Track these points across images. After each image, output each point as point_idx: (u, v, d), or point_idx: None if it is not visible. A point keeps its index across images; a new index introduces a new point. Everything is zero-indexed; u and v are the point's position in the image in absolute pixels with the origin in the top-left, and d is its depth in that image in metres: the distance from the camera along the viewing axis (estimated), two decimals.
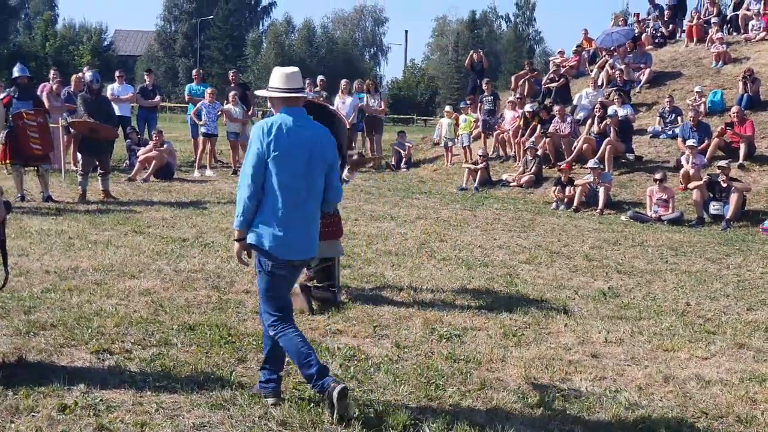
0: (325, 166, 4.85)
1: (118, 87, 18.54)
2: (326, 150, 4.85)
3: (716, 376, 5.73)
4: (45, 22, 70.45)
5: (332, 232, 7.29)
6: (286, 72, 4.90)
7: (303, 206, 4.77)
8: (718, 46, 20.31)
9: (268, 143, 4.65)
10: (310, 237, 4.86)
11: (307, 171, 4.75)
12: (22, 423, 4.33)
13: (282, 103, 4.85)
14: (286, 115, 4.79)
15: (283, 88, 4.85)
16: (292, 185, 4.69)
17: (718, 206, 13.73)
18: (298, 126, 4.76)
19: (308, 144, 4.75)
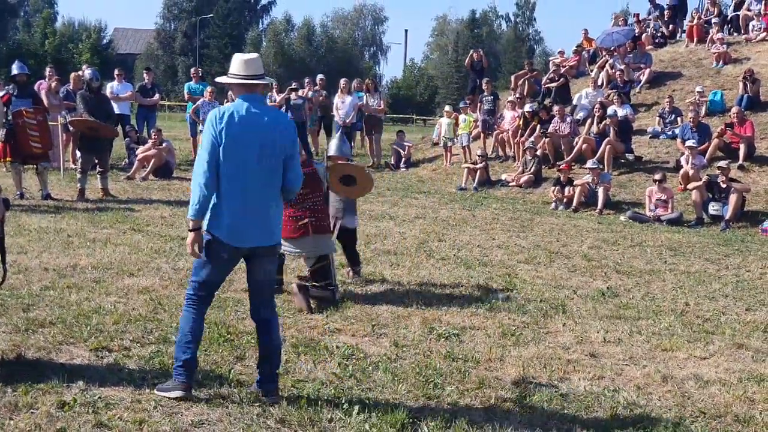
0: (281, 153, 4.80)
1: (117, 85, 18.53)
2: (282, 137, 4.80)
3: (714, 375, 5.73)
4: (44, 19, 70.48)
5: (326, 227, 7.32)
6: (245, 58, 4.89)
7: (256, 193, 4.74)
8: (718, 47, 20.31)
9: (220, 131, 4.64)
10: (265, 224, 4.81)
11: (261, 158, 4.71)
12: (21, 420, 4.33)
13: (241, 90, 4.84)
14: (242, 101, 4.78)
15: (241, 75, 4.83)
16: (245, 173, 4.68)
17: (717, 207, 13.74)
18: (253, 113, 4.73)
19: (262, 131, 4.71)
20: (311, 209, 7.26)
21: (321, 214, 7.34)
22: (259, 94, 4.88)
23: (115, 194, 13.61)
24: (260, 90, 4.91)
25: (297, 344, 5.97)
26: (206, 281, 4.85)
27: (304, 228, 7.20)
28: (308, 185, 7.15)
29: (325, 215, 7.40)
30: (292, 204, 7.15)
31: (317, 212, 7.31)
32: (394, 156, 21.17)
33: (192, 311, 4.85)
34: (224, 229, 4.70)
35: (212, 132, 4.65)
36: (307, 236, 7.21)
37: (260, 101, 4.85)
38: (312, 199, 7.28)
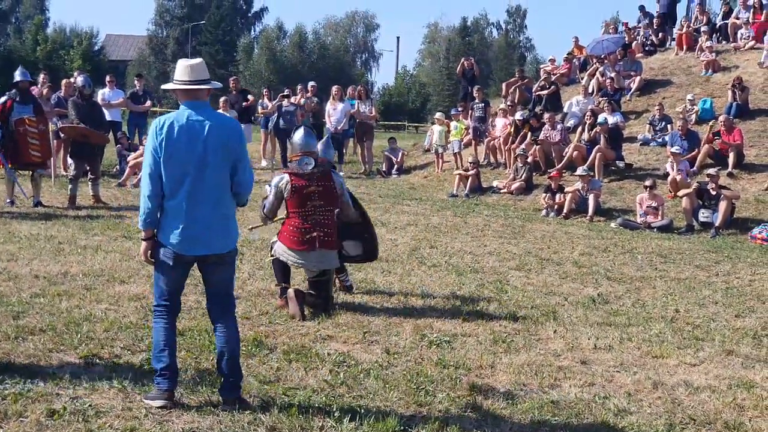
0: (227, 158, 4.77)
1: (108, 92, 18.52)
2: (227, 143, 4.77)
3: (705, 382, 5.75)
4: (36, 26, 70.33)
5: (334, 243, 7.23)
6: (189, 63, 4.87)
7: (203, 201, 4.72)
8: (707, 55, 20.41)
9: (161, 141, 4.64)
10: (214, 232, 4.80)
11: (205, 166, 4.69)
12: (10, 428, 4.32)
13: (184, 96, 4.83)
14: (185, 108, 4.77)
15: (184, 80, 4.81)
16: (189, 181, 4.67)
17: (707, 214, 13.79)
18: (194, 120, 4.71)
19: (204, 138, 4.69)
20: (321, 223, 7.10)
21: (330, 229, 7.17)
22: (203, 100, 4.86)
23: (107, 201, 13.59)
24: (204, 95, 4.89)
25: (288, 351, 5.96)
26: (166, 290, 4.86)
27: (310, 242, 7.05)
28: (323, 198, 7.11)
29: (333, 230, 7.22)
30: (302, 215, 7.07)
31: (326, 227, 7.14)
32: (386, 163, 21.21)
33: (161, 321, 4.86)
34: (173, 238, 4.70)
35: (153, 143, 4.65)
36: (313, 250, 7.08)
37: (204, 107, 4.82)
38: (323, 213, 7.13)
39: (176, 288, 4.92)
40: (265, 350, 5.97)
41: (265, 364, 5.66)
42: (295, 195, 7.07)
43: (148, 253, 4.78)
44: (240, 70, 67.96)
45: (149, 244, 4.76)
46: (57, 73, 44.52)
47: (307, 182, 7.11)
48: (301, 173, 7.11)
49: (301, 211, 7.09)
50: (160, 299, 4.88)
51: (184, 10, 77.20)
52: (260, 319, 6.90)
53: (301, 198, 7.07)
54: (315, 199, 7.08)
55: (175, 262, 4.76)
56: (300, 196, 7.06)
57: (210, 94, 4.95)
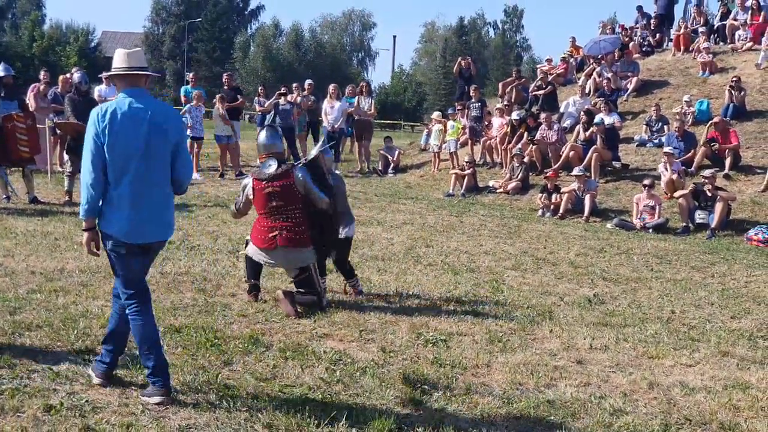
0: (167, 146, 4.79)
1: (105, 88, 18.45)
2: (167, 130, 4.78)
3: (700, 383, 5.76)
4: (32, 22, 70.26)
5: (299, 240, 7.22)
6: (127, 51, 4.92)
7: (147, 189, 4.74)
8: (704, 56, 20.44)
9: (103, 129, 4.66)
10: (160, 219, 4.82)
11: (147, 153, 4.70)
12: (7, 423, 4.32)
13: (123, 84, 4.86)
14: (125, 96, 4.79)
15: (123, 67, 4.85)
16: (132, 168, 4.67)
17: (703, 215, 13.81)
18: (135, 108, 4.73)
19: (146, 125, 4.70)
20: (284, 222, 7.18)
21: (295, 227, 7.19)
22: (143, 88, 4.90)
23: None
24: (143, 83, 4.92)
25: (285, 349, 5.96)
26: (127, 280, 4.84)
27: (272, 240, 7.16)
28: (282, 198, 7.18)
29: (300, 228, 7.22)
30: (266, 215, 7.20)
31: (289, 225, 7.18)
32: (382, 162, 21.20)
33: (137, 317, 4.80)
34: (119, 227, 4.71)
35: (94, 131, 4.66)
36: (275, 249, 7.18)
37: (143, 95, 4.85)
38: (286, 212, 7.20)
39: (138, 276, 4.89)
40: (261, 348, 5.97)
41: (262, 362, 5.65)
42: (256, 197, 7.25)
43: (92, 244, 4.75)
44: (236, 68, 67.97)
45: (91, 234, 4.74)
46: (53, 70, 44.36)
47: (265, 183, 7.21)
48: (262, 177, 7.26)
49: (264, 211, 7.25)
50: (125, 290, 4.83)
51: (181, 7, 77.19)
52: (256, 316, 6.89)
53: (262, 199, 7.22)
54: (275, 198, 7.20)
55: (126, 252, 4.75)
56: (260, 197, 7.22)
57: (148, 82, 5.02)
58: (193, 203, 13.74)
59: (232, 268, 8.70)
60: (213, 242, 10.21)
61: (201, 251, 9.57)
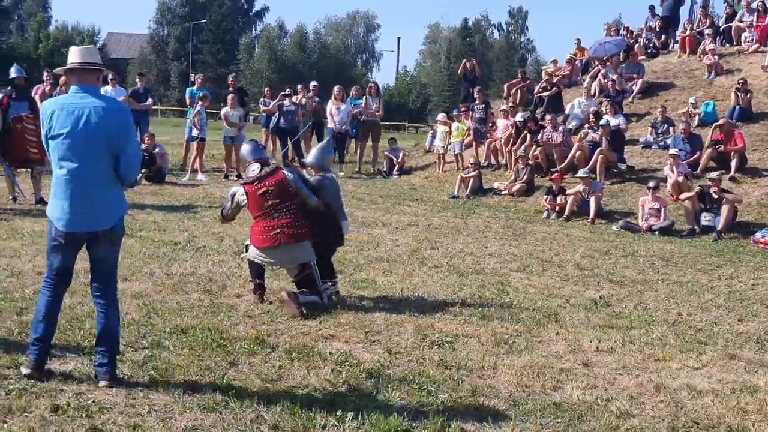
0: (108, 140, 4.87)
1: (111, 90, 18.50)
2: (108, 125, 4.86)
3: (708, 386, 5.74)
4: (38, 23, 70.38)
5: (301, 235, 7.26)
6: (80, 48, 5.06)
7: (84, 181, 4.86)
8: (710, 58, 20.40)
9: (50, 123, 4.84)
10: (94, 211, 4.92)
11: (87, 147, 4.82)
12: (14, 423, 4.32)
13: (74, 79, 4.98)
14: (74, 91, 4.93)
15: (74, 62, 4.97)
16: (73, 161, 4.83)
17: (709, 217, 13.78)
18: (79, 102, 4.86)
19: (87, 120, 4.81)
20: (284, 219, 7.23)
21: (295, 222, 7.26)
22: (92, 84, 5.01)
23: None
24: (94, 79, 5.04)
25: (290, 350, 5.96)
26: (55, 267, 5.04)
27: (274, 238, 7.20)
28: (277, 195, 7.24)
29: (299, 223, 7.29)
30: (264, 216, 7.24)
31: (290, 221, 7.24)
32: (387, 163, 21.19)
33: (46, 293, 5.06)
34: (58, 215, 4.89)
35: (43, 124, 4.89)
36: (277, 247, 7.21)
37: (91, 90, 4.96)
38: (283, 209, 7.25)
39: (66, 265, 5.08)
40: (267, 349, 5.97)
41: (268, 363, 5.65)
42: (250, 201, 7.30)
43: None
44: (241, 69, 67.99)
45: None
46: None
47: (257, 185, 7.29)
48: (250, 180, 7.35)
49: (261, 212, 7.28)
50: (50, 275, 5.06)
51: (186, 8, 77.26)
52: (262, 317, 6.89)
53: (257, 201, 7.27)
54: (270, 197, 7.26)
55: (64, 239, 4.93)
56: (255, 199, 7.27)
57: (100, 79, 5.17)
58: (198, 204, 13.76)
59: (237, 269, 8.70)
60: (218, 243, 10.21)
61: (206, 252, 9.58)
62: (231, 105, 18.37)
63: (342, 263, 9.29)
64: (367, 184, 18.79)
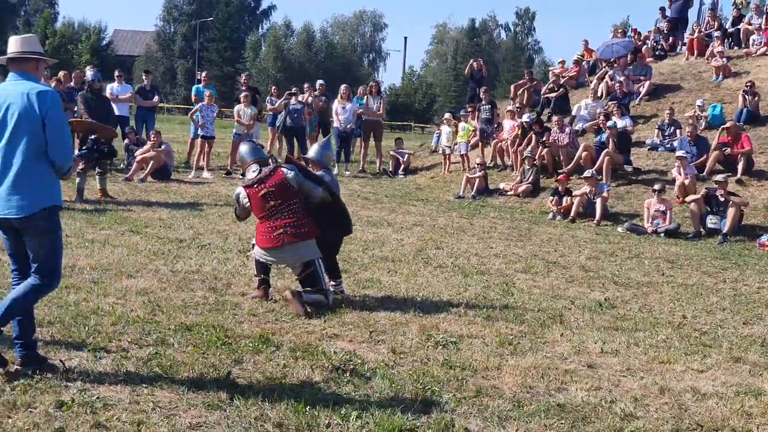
0: (31, 126, 4.86)
1: (117, 86, 18.56)
2: (32, 111, 4.85)
3: (712, 389, 5.73)
4: (45, 20, 70.57)
5: (304, 233, 7.27)
6: (19, 37, 5.13)
7: (7, 167, 4.88)
8: (718, 60, 20.36)
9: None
10: (15, 196, 4.89)
11: (11, 131, 4.86)
12: (19, 419, 4.33)
13: (11, 66, 5.04)
14: (10, 78, 5.01)
15: (12, 52, 5.04)
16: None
17: (715, 220, 13.76)
18: (9, 88, 4.93)
19: (15, 105, 4.85)
20: (286, 218, 7.26)
21: (297, 221, 7.27)
22: (27, 72, 5.04)
23: (114, 195, 13.60)
24: (32, 67, 5.08)
25: (295, 348, 5.96)
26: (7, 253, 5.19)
27: (278, 239, 7.23)
28: (278, 197, 7.27)
29: (302, 222, 7.30)
30: (267, 216, 7.29)
31: (292, 220, 7.26)
32: (393, 163, 21.19)
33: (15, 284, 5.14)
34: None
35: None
36: (281, 246, 7.23)
37: (26, 76, 5.00)
38: (286, 209, 7.28)
39: (10, 251, 5.16)
40: (271, 347, 5.97)
41: (272, 361, 5.65)
42: (253, 202, 7.35)
43: None
44: (247, 68, 68.04)
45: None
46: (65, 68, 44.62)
47: (258, 186, 7.33)
48: (250, 182, 7.39)
49: (264, 213, 7.32)
50: (10, 263, 5.21)
51: (192, 6, 77.40)
52: (267, 316, 6.89)
53: (259, 202, 7.31)
54: (271, 198, 7.29)
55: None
56: (257, 201, 7.31)
57: (40, 68, 5.20)
58: (203, 202, 13.78)
59: (242, 267, 8.71)
60: (223, 241, 10.22)
61: (211, 250, 9.58)
62: (244, 103, 18.39)
63: (347, 262, 9.29)
64: (373, 184, 18.80)
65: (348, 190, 16.99)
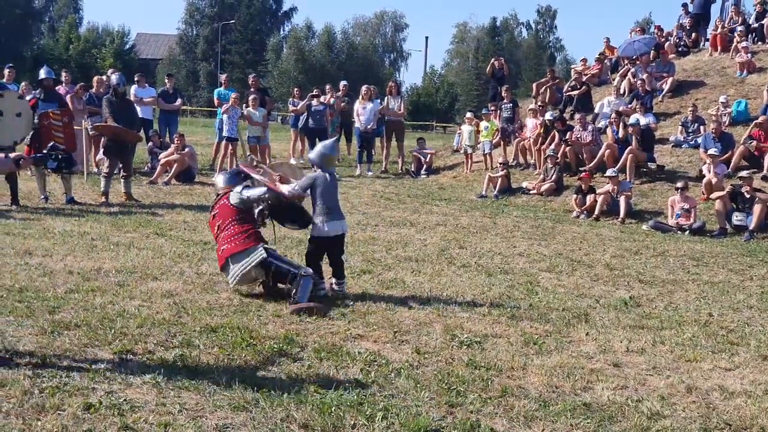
0: None
1: (140, 89, 18.68)
2: None
3: (740, 387, 5.69)
4: (69, 25, 71.12)
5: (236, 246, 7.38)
6: None
7: None
8: (742, 56, 20.17)
9: None
10: None
11: None
12: (48, 421, 4.37)
13: None
14: None
15: None
16: None
17: (741, 217, 13.63)
18: None
19: None
20: (224, 238, 7.47)
21: (233, 237, 7.42)
22: None
23: (138, 198, 13.70)
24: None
25: (319, 349, 5.97)
26: None
27: (221, 258, 7.49)
28: (221, 216, 7.58)
29: (237, 236, 7.41)
30: (217, 238, 7.58)
31: (228, 237, 7.44)
32: (415, 163, 21.17)
33: None
34: None
35: None
36: (225, 265, 7.44)
37: None
38: (225, 227, 7.51)
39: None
40: (296, 348, 5.99)
41: (297, 362, 5.67)
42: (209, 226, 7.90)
43: None
44: (269, 70, 68.23)
45: None
46: (89, 72, 44.98)
47: (211, 211, 7.85)
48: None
49: (214, 234, 7.72)
50: None
51: (214, 9, 77.67)
52: (291, 317, 6.90)
53: (212, 225, 7.76)
54: (217, 219, 7.61)
55: None
56: (211, 224, 7.81)
57: None
58: None
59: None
60: None
61: None
62: (252, 105, 18.45)
63: (371, 263, 9.31)
64: (395, 184, 18.79)
65: (370, 190, 17.03)
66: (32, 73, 19.08)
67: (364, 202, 15.39)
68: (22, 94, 13.86)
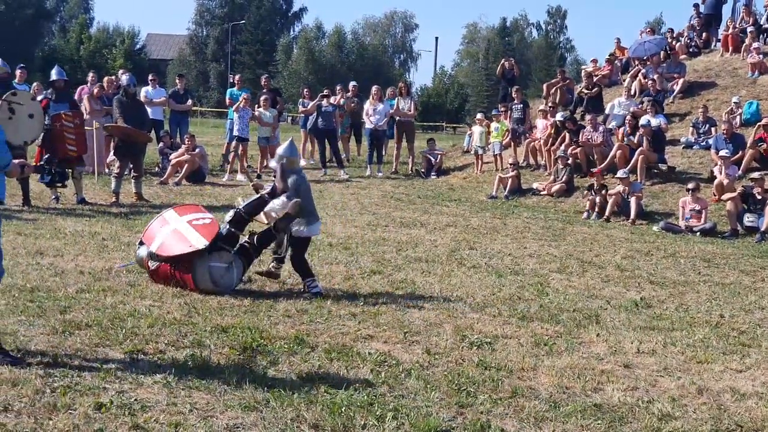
0: None
1: (151, 90, 18.73)
2: None
3: (751, 389, 5.66)
4: (80, 25, 71.43)
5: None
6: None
7: None
8: (754, 56, 20.08)
9: None
10: None
11: None
12: (59, 420, 4.39)
13: None
14: None
15: None
16: None
17: (752, 218, 13.58)
18: None
19: None
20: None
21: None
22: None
23: (149, 198, 13.75)
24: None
25: (330, 350, 5.98)
26: None
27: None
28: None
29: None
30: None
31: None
32: (425, 163, 21.15)
33: None
34: None
35: None
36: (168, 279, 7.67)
37: None
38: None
39: None
40: (306, 348, 5.99)
41: (307, 362, 5.68)
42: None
43: None
44: (279, 70, 68.30)
45: None
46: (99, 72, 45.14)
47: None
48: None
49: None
50: None
51: (224, 9, 77.80)
52: (301, 317, 6.91)
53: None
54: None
55: None
56: None
57: None
58: None
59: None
60: None
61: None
62: (264, 105, 18.45)
63: (381, 263, 9.32)
64: (405, 185, 18.79)
65: (380, 191, 17.04)
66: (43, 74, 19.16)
67: (374, 202, 15.40)
68: (34, 95, 13.91)
